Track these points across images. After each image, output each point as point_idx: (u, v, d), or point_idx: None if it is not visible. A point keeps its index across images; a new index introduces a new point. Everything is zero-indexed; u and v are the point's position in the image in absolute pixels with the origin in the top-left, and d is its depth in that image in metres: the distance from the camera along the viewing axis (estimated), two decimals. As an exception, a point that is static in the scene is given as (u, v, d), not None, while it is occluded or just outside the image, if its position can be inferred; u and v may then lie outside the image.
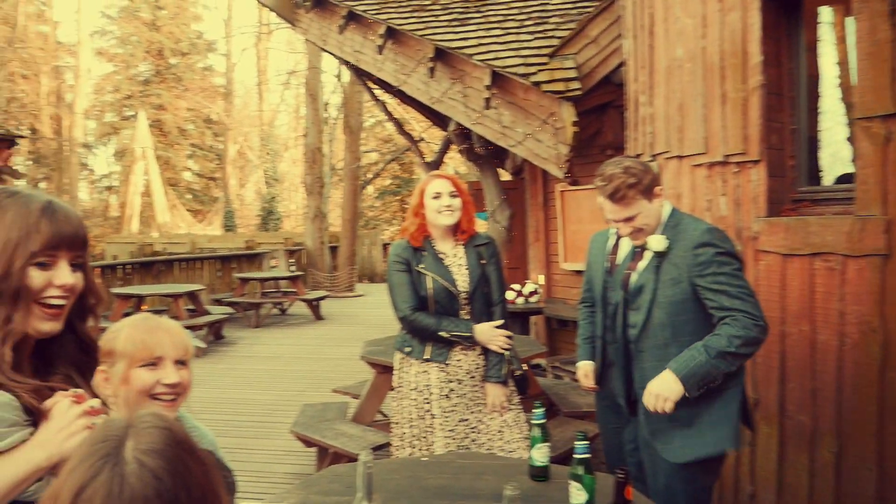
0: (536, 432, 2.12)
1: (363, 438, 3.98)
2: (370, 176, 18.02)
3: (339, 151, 20.90)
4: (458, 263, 2.87)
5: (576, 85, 5.02)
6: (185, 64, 31.41)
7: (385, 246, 19.05)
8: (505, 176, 8.33)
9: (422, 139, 12.38)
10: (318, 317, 11.41)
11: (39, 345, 1.21)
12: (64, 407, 1.15)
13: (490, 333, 2.82)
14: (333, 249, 16.18)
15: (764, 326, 2.22)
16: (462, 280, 2.84)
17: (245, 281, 11.43)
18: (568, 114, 4.95)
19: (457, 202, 2.82)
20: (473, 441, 2.82)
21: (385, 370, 4.31)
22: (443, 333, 2.79)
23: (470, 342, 2.82)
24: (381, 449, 3.80)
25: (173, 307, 9.08)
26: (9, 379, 1.10)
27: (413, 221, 2.89)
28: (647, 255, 2.41)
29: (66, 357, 1.23)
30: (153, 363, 1.43)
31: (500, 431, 2.84)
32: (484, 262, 2.90)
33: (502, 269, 3.02)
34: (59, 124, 29.43)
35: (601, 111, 6.00)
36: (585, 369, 2.72)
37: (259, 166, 28.76)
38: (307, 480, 2.20)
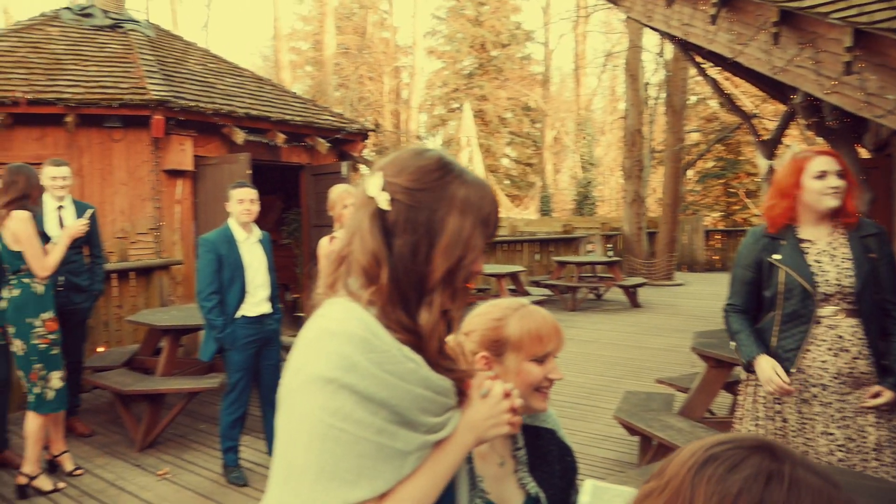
0: None
1: (692, 434, 3.75)
2: (692, 158, 16.99)
3: (658, 133, 20.14)
4: (830, 254, 2.47)
5: (978, 35, 4.06)
6: (505, 55, 33.06)
7: (708, 233, 17.82)
8: (863, 153, 7.16)
9: (755, 115, 11.28)
10: (635, 304, 11.17)
11: None
12: (497, 396, 1.15)
13: (768, 375, 2.46)
14: (651, 235, 15.67)
15: None
16: (838, 275, 2.44)
17: (562, 264, 11.66)
18: (965, 72, 4.03)
19: (843, 183, 2.43)
20: (840, 461, 2.42)
21: (718, 364, 4.02)
22: (731, 344, 2.58)
23: (746, 370, 2.55)
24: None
25: (496, 286, 9.64)
26: (441, 364, 1.10)
27: (779, 204, 2.55)
28: None
29: None
30: (540, 357, 1.46)
31: (875, 450, 2.41)
32: (874, 256, 2.45)
33: None
34: (398, 119, 33.24)
35: None
36: None
37: (575, 151, 29.13)
38: (645, 469, 2.12)
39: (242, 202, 4.07)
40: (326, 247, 4.07)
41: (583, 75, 30.68)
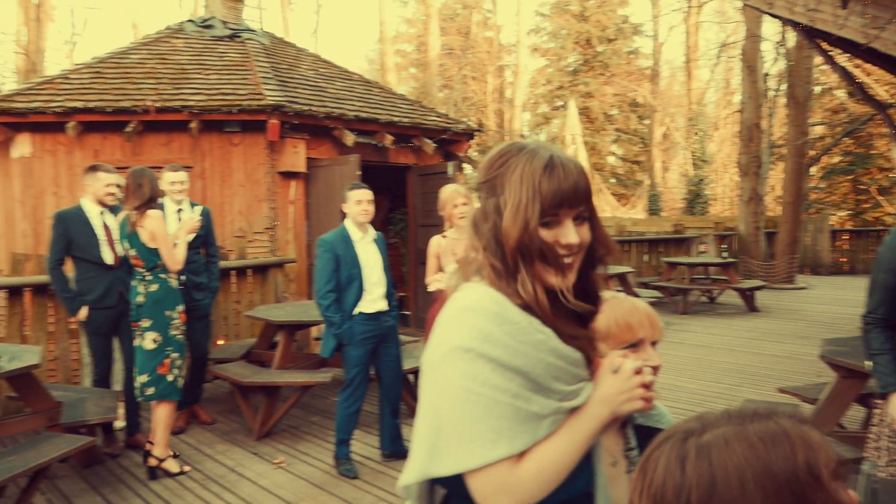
0: None
1: (822, 449, 3.49)
2: (817, 153, 15.84)
3: (778, 127, 18.98)
4: None
5: None
6: (611, 50, 32.28)
7: (834, 233, 16.57)
8: None
9: (891, 105, 10.39)
10: (752, 308, 10.58)
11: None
12: (628, 371, 1.17)
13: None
14: (770, 236, 14.80)
15: None
16: None
17: (673, 265, 11.24)
18: None
19: None
20: None
21: (851, 374, 3.72)
22: (867, 363, 2.39)
23: (881, 397, 2.36)
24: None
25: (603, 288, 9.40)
26: (565, 331, 1.14)
27: None
28: None
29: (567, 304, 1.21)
30: (633, 345, 1.42)
31: None
32: None
33: None
34: (501, 118, 33.17)
35: None
36: None
37: (686, 147, 28.02)
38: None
39: (360, 203, 4.18)
40: (436, 245, 4.10)
41: (695, 68, 29.47)
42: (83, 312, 4.59)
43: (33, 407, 4.17)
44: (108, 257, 4.61)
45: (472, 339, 1.08)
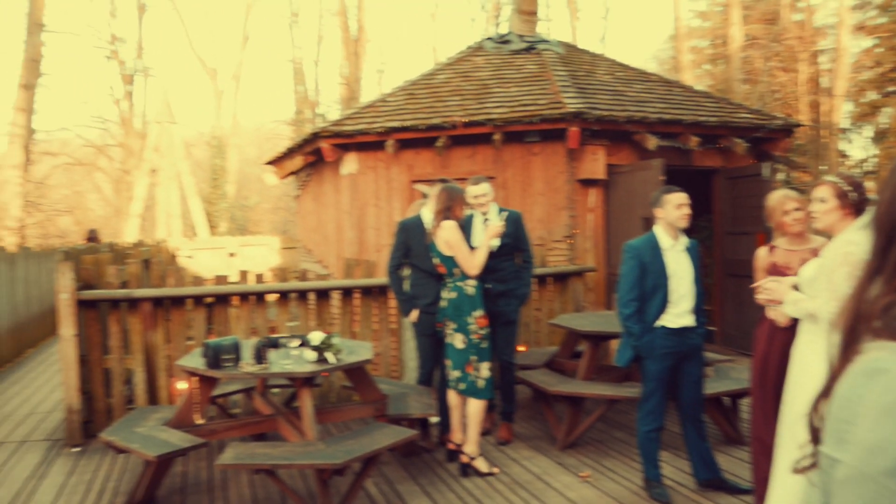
0: None
1: None
2: None
3: None
4: None
5: None
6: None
7: None
8: None
9: None
10: None
11: None
12: None
13: None
14: None
15: None
16: None
17: None
18: None
19: None
20: None
21: None
22: None
23: None
24: None
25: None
26: None
27: None
28: None
29: None
30: None
31: None
32: None
33: None
34: (817, 111, 29.43)
35: None
36: None
37: None
38: None
39: (681, 207, 3.92)
40: (764, 258, 3.66)
41: None
42: (414, 314, 4.96)
43: (364, 397, 4.62)
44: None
45: None
